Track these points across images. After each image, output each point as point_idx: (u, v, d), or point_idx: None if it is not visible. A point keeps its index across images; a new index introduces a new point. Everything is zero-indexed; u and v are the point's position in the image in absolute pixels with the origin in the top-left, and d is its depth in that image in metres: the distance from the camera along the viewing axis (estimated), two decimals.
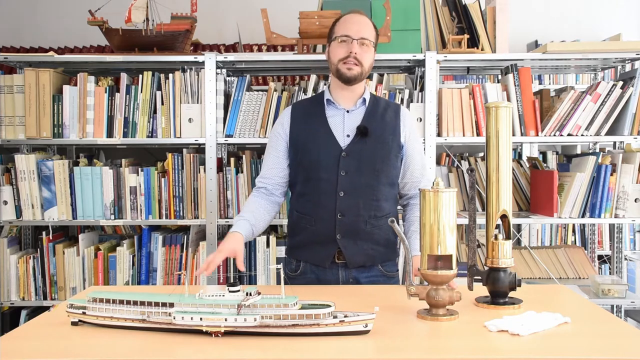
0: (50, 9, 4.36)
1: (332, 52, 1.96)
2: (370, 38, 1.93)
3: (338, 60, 1.92)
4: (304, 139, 1.95)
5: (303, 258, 1.98)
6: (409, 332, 1.39)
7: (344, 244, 1.90)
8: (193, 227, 2.71)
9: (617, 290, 2.66)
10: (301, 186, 1.97)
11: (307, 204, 1.95)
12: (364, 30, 1.92)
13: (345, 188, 1.89)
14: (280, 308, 1.32)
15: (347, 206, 1.89)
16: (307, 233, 1.95)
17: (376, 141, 1.92)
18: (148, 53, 2.70)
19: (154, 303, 1.36)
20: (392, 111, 1.99)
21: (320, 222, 1.91)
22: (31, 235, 2.90)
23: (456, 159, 2.99)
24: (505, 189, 1.60)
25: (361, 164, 1.90)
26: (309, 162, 1.93)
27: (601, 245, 3.84)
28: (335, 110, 1.98)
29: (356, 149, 1.91)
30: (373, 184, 1.91)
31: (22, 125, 2.66)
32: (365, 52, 1.92)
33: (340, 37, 1.92)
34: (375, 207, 1.92)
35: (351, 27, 1.92)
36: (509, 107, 1.61)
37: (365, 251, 1.92)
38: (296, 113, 2.01)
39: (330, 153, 1.91)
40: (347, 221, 1.89)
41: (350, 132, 1.93)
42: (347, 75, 1.91)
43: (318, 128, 1.95)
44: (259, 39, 3.84)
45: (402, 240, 1.53)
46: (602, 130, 2.63)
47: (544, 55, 2.68)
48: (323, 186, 1.90)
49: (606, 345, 1.29)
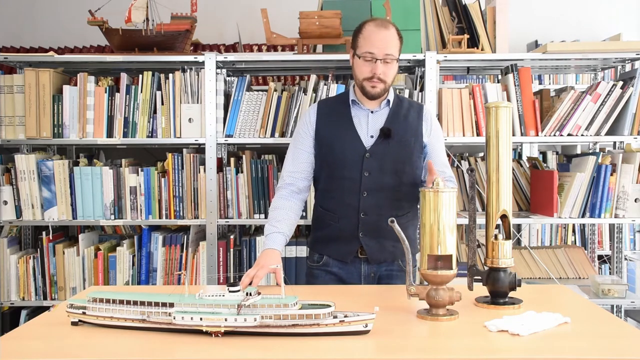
0: (50, 9, 4.36)
1: (356, 67, 1.96)
2: (394, 54, 1.92)
3: (363, 79, 1.93)
4: (330, 137, 1.98)
5: (326, 252, 2.02)
6: (409, 332, 1.39)
7: (366, 241, 1.95)
8: (193, 227, 2.71)
9: (617, 290, 2.66)
10: (325, 182, 2.01)
11: (331, 200, 1.99)
12: (387, 47, 1.89)
13: (368, 188, 1.92)
14: (280, 308, 1.32)
15: (370, 206, 1.93)
16: (331, 229, 1.99)
17: (399, 143, 1.95)
18: (148, 53, 2.70)
19: (154, 303, 1.36)
20: (415, 112, 2.02)
21: (344, 220, 1.96)
22: (31, 235, 2.90)
23: (456, 159, 2.99)
24: (505, 189, 1.60)
25: (384, 165, 1.93)
26: (333, 160, 1.96)
27: (601, 245, 3.84)
28: (360, 111, 2.00)
29: (379, 150, 1.93)
30: (395, 185, 1.94)
31: (22, 125, 2.66)
32: (389, 69, 1.93)
33: (363, 55, 1.90)
34: (397, 206, 1.95)
35: (375, 44, 1.89)
36: (509, 107, 1.61)
37: (387, 248, 1.96)
38: (322, 111, 2.03)
39: (354, 153, 1.94)
40: (370, 220, 1.93)
41: (374, 133, 1.96)
42: (372, 93, 1.94)
43: (343, 127, 1.97)
44: (259, 39, 3.84)
45: (402, 241, 1.53)
46: (602, 130, 2.63)
47: (544, 55, 2.68)
48: (347, 185, 1.94)
49: (606, 345, 1.29)
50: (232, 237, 2.71)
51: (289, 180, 2.01)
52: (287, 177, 2.01)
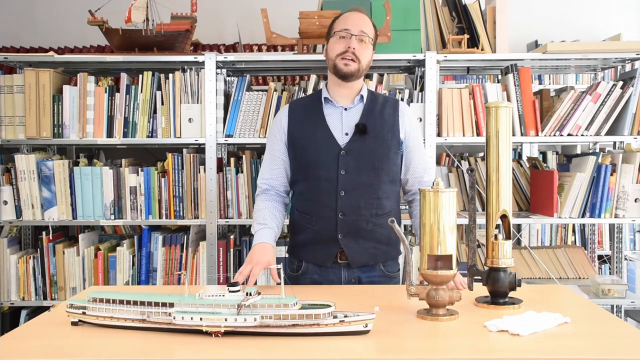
0: (50, 9, 4.36)
1: (330, 47, 1.95)
2: (369, 34, 1.92)
3: (336, 56, 1.90)
4: (303, 138, 1.94)
5: (305, 258, 1.97)
6: (409, 332, 1.39)
7: (346, 243, 1.89)
8: (193, 227, 2.71)
9: (617, 290, 2.66)
10: (301, 185, 1.96)
11: (308, 203, 1.94)
12: (363, 25, 1.91)
13: (345, 187, 1.88)
14: (280, 308, 1.32)
15: (348, 205, 1.88)
16: (309, 232, 1.94)
17: (375, 139, 1.90)
18: (148, 53, 2.70)
19: (154, 303, 1.36)
20: (391, 107, 1.97)
21: (322, 222, 1.90)
22: (31, 235, 2.90)
23: (456, 159, 2.99)
24: (505, 189, 1.60)
25: (361, 162, 1.88)
26: (308, 161, 1.92)
27: (601, 245, 3.84)
28: (333, 109, 1.96)
29: (355, 147, 1.89)
30: (373, 182, 1.90)
31: (22, 125, 2.66)
32: (364, 49, 1.91)
33: (339, 33, 1.91)
34: (376, 205, 1.90)
35: (350, 22, 1.91)
36: (509, 107, 1.61)
37: (368, 250, 1.91)
38: (294, 112, 1.99)
39: (329, 152, 1.89)
40: (349, 220, 1.88)
41: (348, 130, 1.92)
42: (344, 70, 1.89)
43: (316, 127, 1.93)
44: (259, 39, 3.84)
45: (402, 241, 1.53)
46: (602, 130, 2.63)
47: (544, 55, 2.68)
48: (323, 185, 1.89)
49: (606, 345, 1.29)
50: (232, 237, 2.71)
51: (266, 187, 1.99)
52: (263, 184, 2.00)
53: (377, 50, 2.67)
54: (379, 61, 2.69)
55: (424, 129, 2.62)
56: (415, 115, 2.62)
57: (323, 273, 1.94)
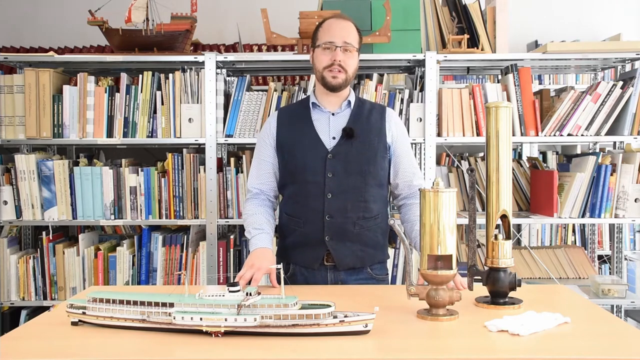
0: (50, 9, 4.36)
1: (316, 58, 1.97)
2: (353, 43, 1.94)
3: (323, 68, 1.93)
4: (291, 142, 1.96)
5: (292, 260, 1.98)
6: (409, 332, 1.39)
7: (333, 245, 1.91)
8: (193, 227, 2.71)
9: (617, 290, 2.66)
10: (289, 189, 1.98)
11: (295, 206, 1.96)
12: (347, 36, 1.92)
13: (332, 190, 1.90)
14: (280, 308, 1.32)
15: (335, 208, 1.89)
16: (296, 235, 1.96)
17: (362, 142, 1.92)
18: (148, 53, 2.70)
19: (154, 303, 1.36)
20: (378, 113, 2.00)
21: (309, 224, 1.92)
22: (31, 235, 2.90)
23: (456, 159, 2.99)
24: (505, 189, 1.60)
25: (348, 165, 1.91)
26: (296, 165, 1.94)
27: (601, 245, 3.84)
28: (321, 113, 1.98)
29: (342, 150, 1.91)
30: (360, 186, 1.91)
31: (22, 125, 2.66)
32: (349, 58, 1.93)
33: (324, 44, 1.92)
34: (363, 208, 1.92)
35: (334, 33, 1.92)
36: (509, 107, 1.61)
37: (355, 253, 1.92)
38: (282, 118, 2.02)
39: (316, 155, 1.91)
40: (336, 223, 1.90)
41: (336, 134, 1.94)
42: (332, 83, 1.93)
43: (304, 131, 1.95)
44: (259, 39, 3.84)
45: (402, 241, 1.53)
46: (602, 130, 2.63)
47: (544, 55, 2.68)
48: (310, 188, 1.91)
49: (606, 345, 1.29)
50: (232, 237, 2.71)
51: (256, 192, 2.01)
52: (254, 188, 2.01)
53: (377, 50, 2.68)
54: (379, 61, 2.69)
55: (423, 129, 2.62)
56: (415, 115, 2.62)
57: (309, 274, 1.95)
